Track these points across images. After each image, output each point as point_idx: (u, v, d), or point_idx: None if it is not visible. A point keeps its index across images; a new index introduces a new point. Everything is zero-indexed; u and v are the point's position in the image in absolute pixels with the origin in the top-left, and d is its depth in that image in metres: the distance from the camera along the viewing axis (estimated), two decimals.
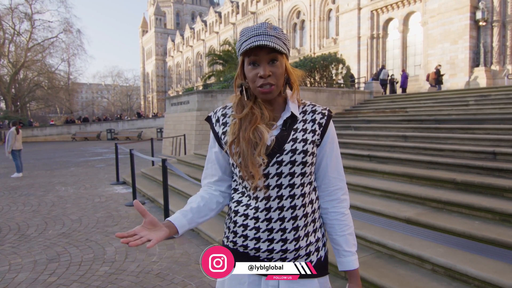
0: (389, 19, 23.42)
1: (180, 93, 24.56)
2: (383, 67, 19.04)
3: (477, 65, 18.43)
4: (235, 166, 1.07)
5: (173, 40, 63.31)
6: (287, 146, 1.03)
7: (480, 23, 18.26)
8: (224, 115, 1.13)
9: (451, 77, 18.95)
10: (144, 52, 72.97)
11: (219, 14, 48.85)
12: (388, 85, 18.38)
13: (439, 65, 16.71)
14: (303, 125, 1.07)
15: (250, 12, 40.73)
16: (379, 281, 2.55)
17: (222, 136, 1.10)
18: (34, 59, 35.93)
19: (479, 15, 18.09)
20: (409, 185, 4.23)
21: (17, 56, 35.35)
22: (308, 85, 14.14)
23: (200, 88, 19.11)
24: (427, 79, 16.50)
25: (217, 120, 1.13)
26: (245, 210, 1.07)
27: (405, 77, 17.89)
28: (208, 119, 1.15)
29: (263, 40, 0.97)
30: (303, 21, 34.00)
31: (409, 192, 3.92)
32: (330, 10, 30.75)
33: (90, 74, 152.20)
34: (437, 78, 15.90)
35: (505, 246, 2.68)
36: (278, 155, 1.02)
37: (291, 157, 1.02)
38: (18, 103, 35.77)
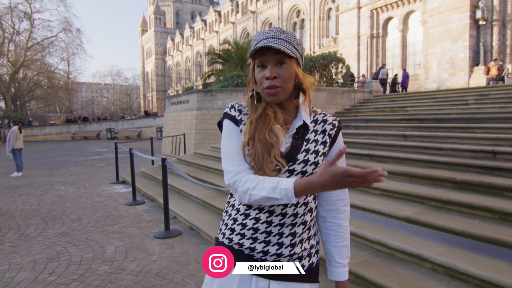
0: (389, 18, 23.42)
1: (180, 92, 24.53)
2: (383, 66, 19.02)
3: (477, 64, 18.43)
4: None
5: (172, 39, 63.27)
6: (300, 156, 1.03)
7: (480, 22, 18.26)
8: (240, 111, 1.10)
9: (451, 76, 18.97)
10: (144, 51, 72.91)
11: (219, 13, 48.81)
12: (389, 84, 18.25)
13: (501, 61, 16.44)
14: (314, 136, 1.08)
15: (250, 11, 40.69)
16: (379, 280, 2.55)
17: (241, 130, 1.07)
18: (33, 58, 35.91)
19: (479, 14, 18.09)
20: (409, 184, 4.23)
21: (16, 55, 35.33)
22: None
23: (200, 87, 19.10)
24: (487, 74, 16.28)
25: (240, 111, 1.10)
26: (246, 209, 1.07)
27: (406, 76, 17.84)
28: (225, 113, 1.11)
29: (270, 42, 0.99)
30: (302, 20, 33.99)
31: (408, 191, 3.92)
32: (330, 9, 30.74)
33: (89, 73, 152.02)
34: (499, 74, 15.76)
35: (505, 245, 2.68)
36: (291, 163, 1.02)
37: (302, 167, 1.02)
38: (18, 102, 35.76)
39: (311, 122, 1.09)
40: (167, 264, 3.37)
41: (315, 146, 1.06)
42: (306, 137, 1.07)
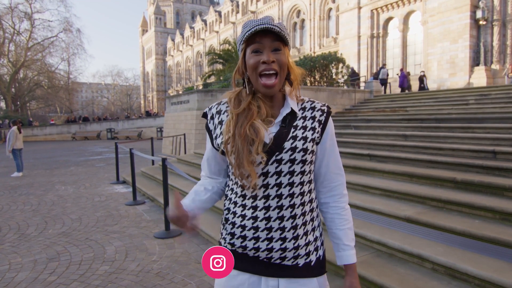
0: (389, 18, 23.42)
1: (180, 92, 24.54)
2: (383, 66, 18.99)
3: (477, 64, 18.42)
4: (231, 166, 1.05)
5: (173, 40, 63.29)
6: (287, 144, 1.01)
7: (480, 22, 18.25)
8: (219, 112, 1.11)
9: (451, 76, 18.96)
10: (144, 51, 72.93)
11: (219, 13, 48.82)
12: (418, 83, 17.15)
13: None
14: (302, 122, 1.06)
15: (250, 11, 40.70)
16: (379, 280, 2.55)
17: (216, 135, 1.09)
18: (34, 59, 35.93)
19: (479, 14, 18.08)
20: (409, 184, 4.22)
21: (17, 56, 35.34)
22: (308, 84, 14.15)
23: (200, 87, 19.11)
24: (511, 71, 16.01)
25: (212, 117, 1.12)
26: (242, 210, 1.06)
27: (403, 76, 17.73)
28: (205, 115, 1.15)
29: (268, 25, 0.97)
30: (303, 20, 33.98)
31: (409, 191, 3.92)
32: (330, 9, 30.73)
33: (90, 73, 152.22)
34: None
35: (505, 245, 2.68)
36: (277, 153, 1.00)
37: (290, 155, 1.01)
38: (18, 103, 35.77)
39: (299, 110, 1.08)
40: (168, 264, 3.37)
41: (303, 133, 1.04)
42: (294, 124, 1.05)
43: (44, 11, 37.53)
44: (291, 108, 1.06)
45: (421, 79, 17.28)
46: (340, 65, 15.95)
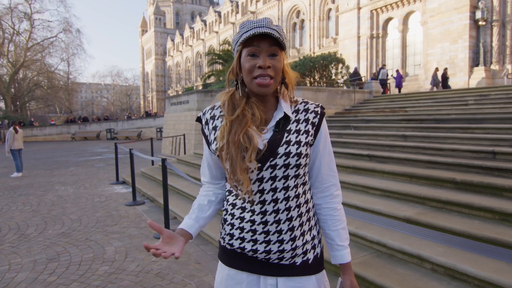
0: (389, 19, 23.44)
1: (180, 92, 24.53)
2: (383, 67, 19.00)
3: (477, 65, 18.45)
4: (226, 172, 1.05)
5: (172, 40, 63.31)
6: (281, 150, 1.01)
7: (480, 23, 18.28)
8: (213, 117, 1.10)
9: (451, 77, 18.95)
10: (144, 51, 72.94)
11: (219, 13, 48.86)
12: (441, 82, 16.55)
13: None
14: (296, 126, 1.05)
15: (249, 11, 40.73)
16: (379, 280, 2.56)
17: (211, 140, 1.09)
18: (33, 59, 35.92)
19: (478, 14, 18.11)
20: (409, 184, 4.23)
21: (16, 56, 35.33)
22: (308, 84, 14.15)
23: (200, 87, 19.13)
24: None
25: (206, 123, 1.12)
26: (241, 213, 1.07)
27: (400, 77, 17.67)
28: (199, 120, 1.15)
29: (267, 29, 0.96)
30: (302, 21, 34.01)
31: (408, 191, 3.92)
32: (329, 9, 30.76)
33: (89, 73, 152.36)
34: None
35: (504, 245, 2.68)
36: (271, 159, 1.00)
37: (284, 160, 1.01)
38: (18, 103, 35.77)
39: (292, 113, 1.07)
40: (167, 265, 3.37)
41: (296, 137, 1.03)
42: (287, 128, 1.04)
43: (44, 11, 37.67)
44: (284, 112, 1.05)
45: (444, 76, 16.77)
46: (340, 65, 15.95)
